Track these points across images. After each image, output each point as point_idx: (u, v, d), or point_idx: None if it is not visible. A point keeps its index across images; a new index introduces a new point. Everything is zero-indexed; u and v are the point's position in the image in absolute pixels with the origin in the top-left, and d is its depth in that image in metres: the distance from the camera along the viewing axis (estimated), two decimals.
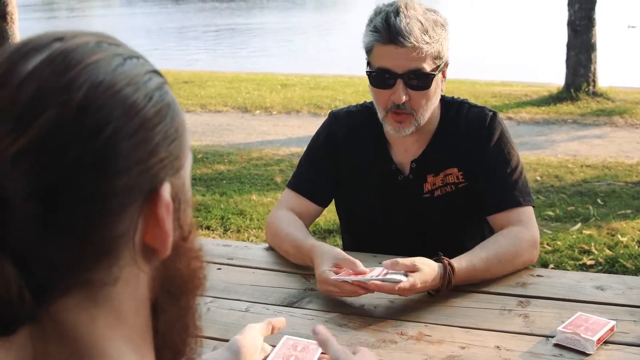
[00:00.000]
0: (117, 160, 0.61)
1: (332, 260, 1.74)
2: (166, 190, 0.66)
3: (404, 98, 1.85)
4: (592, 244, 4.17)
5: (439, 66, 1.88)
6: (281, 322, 1.44)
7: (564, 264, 3.91)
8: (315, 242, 1.89)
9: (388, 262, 1.66)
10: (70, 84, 0.60)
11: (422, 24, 1.82)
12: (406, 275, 1.64)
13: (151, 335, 0.71)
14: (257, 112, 9.16)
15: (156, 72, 0.69)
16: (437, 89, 1.92)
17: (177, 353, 0.74)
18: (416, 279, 1.64)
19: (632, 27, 14.26)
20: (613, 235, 4.33)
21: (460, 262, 1.75)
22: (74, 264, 0.61)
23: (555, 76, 9.45)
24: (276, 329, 1.43)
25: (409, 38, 1.79)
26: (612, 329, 1.54)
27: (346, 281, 1.66)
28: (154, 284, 0.70)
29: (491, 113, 2.01)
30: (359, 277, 1.66)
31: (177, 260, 0.71)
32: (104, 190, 0.60)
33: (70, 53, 0.62)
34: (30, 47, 0.62)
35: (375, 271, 1.68)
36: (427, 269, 1.67)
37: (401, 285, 1.61)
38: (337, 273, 1.70)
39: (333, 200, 2.19)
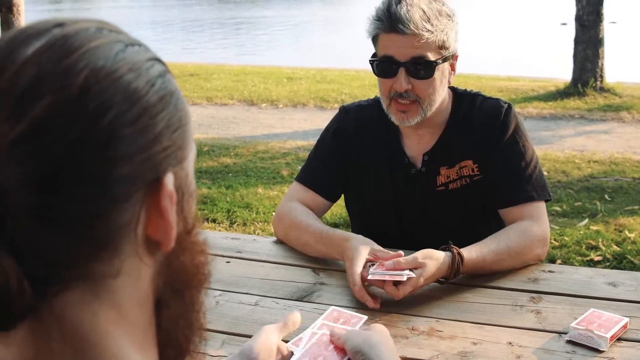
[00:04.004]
0: (120, 146, 0.59)
1: (366, 255, 1.73)
2: (169, 181, 0.64)
3: (404, 86, 1.85)
4: (600, 239, 4.16)
5: (444, 57, 1.87)
6: (296, 318, 1.35)
7: (571, 260, 3.89)
8: (346, 233, 1.87)
9: (390, 262, 1.65)
10: (69, 68, 0.58)
11: (424, 12, 1.81)
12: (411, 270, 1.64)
13: (154, 331, 0.69)
14: (263, 105, 9.15)
15: (158, 60, 0.67)
16: (444, 80, 1.91)
17: (180, 350, 0.72)
18: (419, 276, 1.63)
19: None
20: (621, 231, 4.31)
21: (470, 252, 1.74)
22: (74, 255, 0.59)
23: (562, 71, 9.42)
24: (291, 327, 1.33)
25: (408, 25, 1.78)
26: (625, 326, 1.53)
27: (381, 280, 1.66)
28: (158, 278, 0.68)
29: (506, 105, 1.99)
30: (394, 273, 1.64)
31: (181, 254, 0.69)
32: (105, 177, 0.59)
33: (70, 38, 0.61)
34: (29, 33, 0.61)
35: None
36: (431, 262, 1.66)
37: (402, 288, 1.62)
38: (372, 262, 1.71)
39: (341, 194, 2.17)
